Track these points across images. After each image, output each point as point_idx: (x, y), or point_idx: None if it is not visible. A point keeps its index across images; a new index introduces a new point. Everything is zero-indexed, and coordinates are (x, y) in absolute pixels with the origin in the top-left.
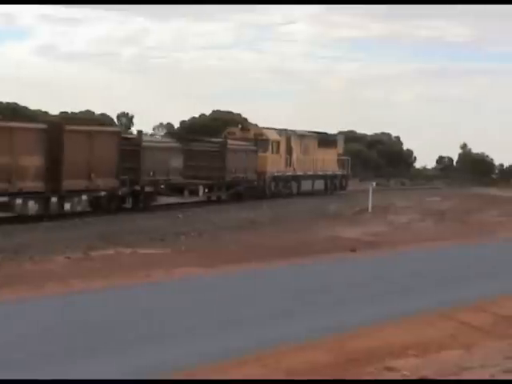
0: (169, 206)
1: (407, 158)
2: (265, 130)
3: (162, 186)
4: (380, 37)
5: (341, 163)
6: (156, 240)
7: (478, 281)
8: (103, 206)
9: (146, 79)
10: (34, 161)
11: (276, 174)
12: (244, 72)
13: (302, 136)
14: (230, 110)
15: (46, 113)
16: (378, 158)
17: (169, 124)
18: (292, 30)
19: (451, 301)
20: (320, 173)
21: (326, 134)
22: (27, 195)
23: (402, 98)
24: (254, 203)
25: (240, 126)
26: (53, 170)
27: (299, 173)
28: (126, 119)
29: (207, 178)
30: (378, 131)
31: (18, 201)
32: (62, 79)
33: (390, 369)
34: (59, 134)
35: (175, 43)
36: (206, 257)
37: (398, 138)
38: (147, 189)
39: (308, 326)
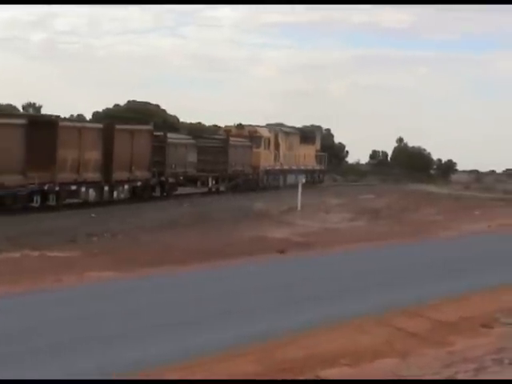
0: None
1: (339, 152)
2: (258, 128)
3: (181, 178)
4: (311, 22)
5: (318, 159)
6: (66, 241)
7: (414, 283)
8: (138, 194)
9: (56, 66)
10: (94, 155)
11: (267, 168)
12: (164, 59)
13: (288, 133)
14: (147, 100)
15: None
16: None
17: (80, 116)
18: (216, 14)
19: (386, 305)
20: (302, 167)
21: (306, 131)
22: (89, 184)
23: (333, 87)
24: (180, 201)
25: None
26: (106, 163)
27: (285, 167)
28: (33, 110)
29: (213, 171)
30: (308, 123)
31: (83, 189)
32: None
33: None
34: (111, 133)
35: (89, 28)
36: (121, 260)
37: (328, 130)
38: (170, 180)
39: (233, 334)
